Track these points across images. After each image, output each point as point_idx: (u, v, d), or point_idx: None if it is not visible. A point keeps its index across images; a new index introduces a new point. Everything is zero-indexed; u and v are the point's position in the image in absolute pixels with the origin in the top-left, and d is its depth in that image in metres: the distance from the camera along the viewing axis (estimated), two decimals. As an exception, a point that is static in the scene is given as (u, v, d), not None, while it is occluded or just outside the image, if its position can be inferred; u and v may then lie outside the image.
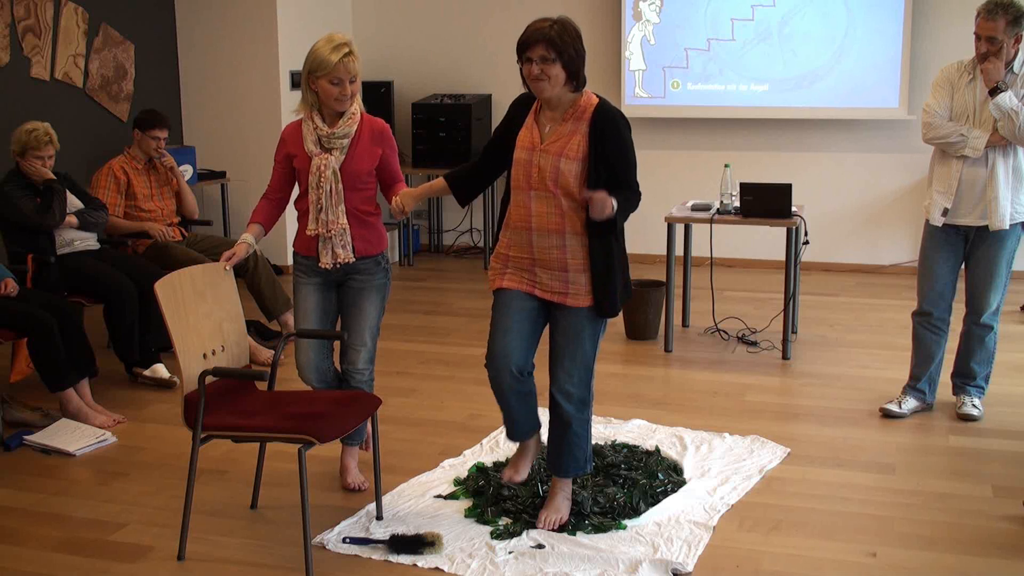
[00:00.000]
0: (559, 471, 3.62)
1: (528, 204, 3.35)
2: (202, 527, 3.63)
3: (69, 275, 5.13)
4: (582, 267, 3.35)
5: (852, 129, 7.62)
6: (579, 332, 3.42)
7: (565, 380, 3.46)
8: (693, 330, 6.15)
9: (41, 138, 5.04)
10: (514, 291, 3.44)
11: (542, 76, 3.23)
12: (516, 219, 3.40)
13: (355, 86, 3.67)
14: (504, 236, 3.47)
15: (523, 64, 3.27)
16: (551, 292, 3.40)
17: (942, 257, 4.55)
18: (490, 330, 3.50)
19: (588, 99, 3.34)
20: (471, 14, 8.24)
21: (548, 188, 3.31)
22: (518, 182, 3.38)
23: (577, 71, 3.27)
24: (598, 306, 3.38)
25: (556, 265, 3.36)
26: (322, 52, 3.60)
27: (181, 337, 3.40)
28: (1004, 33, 4.24)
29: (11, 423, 4.62)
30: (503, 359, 3.43)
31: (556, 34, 3.21)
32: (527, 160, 3.34)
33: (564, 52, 3.21)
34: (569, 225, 3.33)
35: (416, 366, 5.53)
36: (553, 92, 3.27)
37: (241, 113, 7.71)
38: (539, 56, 3.21)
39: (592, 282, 3.36)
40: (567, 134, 3.31)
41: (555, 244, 3.34)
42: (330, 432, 3.33)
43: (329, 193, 3.68)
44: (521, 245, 3.40)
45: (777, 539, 3.54)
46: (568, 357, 3.44)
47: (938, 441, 4.40)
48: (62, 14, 6.65)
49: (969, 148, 4.36)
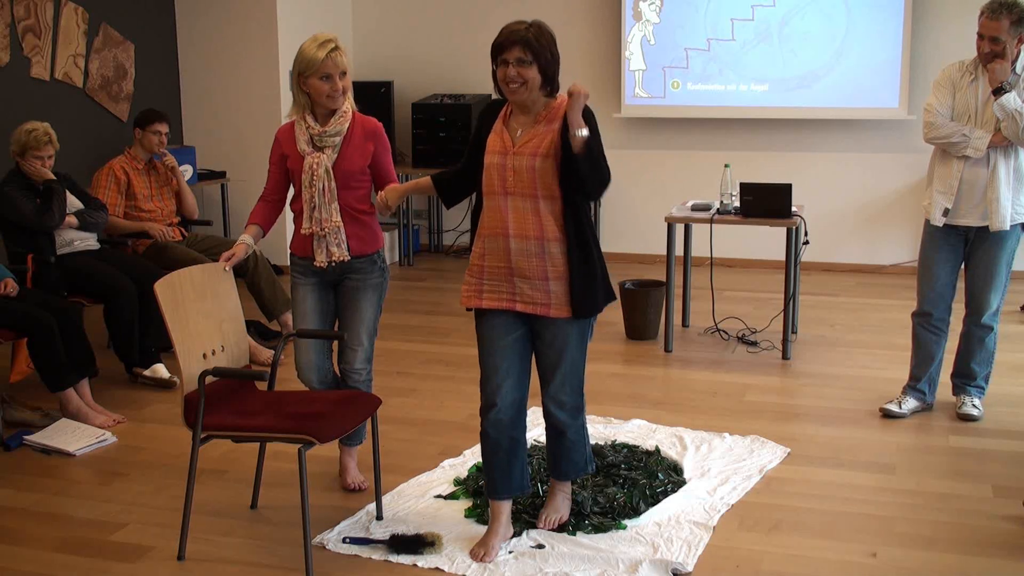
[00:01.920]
0: (559, 476, 3.61)
1: (503, 209, 3.25)
2: (202, 527, 3.63)
3: (69, 275, 5.13)
4: (562, 274, 3.24)
5: (852, 129, 7.62)
6: (566, 343, 3.33)
7: (557, 390, 3.41)
8: (693, 330, 6.15)
9: (41, 138, 5.04)
10: (496, 319, 3.33)
11: (518, 78, 3.15)
12: (491, 226, 3.29)
13: (345, 81, 3.67)
14: (478, 245, 3.34)
15: (498, 67, 3.18)
16: (533, 304, 3.28)
17: (942, 257, 4.55)
18: (481, 370, 3.39)
19: (561, 101, 3.24)
20: (471, 14, 8.24)
21: (525, 191, 3.22)
22: (491, 187, 3.27)
23: (553, 75, 3.19)
24: (577, 308, 3.26)
25: (536, 274, 3.25)
26: (309, 51, 3.61)
27: (181, 337, 3.40)
28: (1007, 33, 4.23)
29: (11, 423, 4.62)
30: (500, 412, 3.35)
31: (533, 36, 3.13)
32: (500, 164, 3.24)
33: (540, 55, 3.14)
34: (548, 230, 3.22)
35: (416, 366, 5.52)
36: (529, 96, 3.19)
37: (241, 113, 7.71)
38: (515, 58, 3.13)
39: (571, 286, 3.24)
40: (541, 134, 3.22)
41: (534, 251, 3.23)
42: (330, 432, 3.33)
43: (322, 191, 3.69)
44: (497, 253, 3.28)
45: (777, 539, 3.54)
46: (559, 369, 3.37)
47: (938, 441, 4.40)
48: (62, 14, 6.65)
49: (971, 148, 4.36)
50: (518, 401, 3.39)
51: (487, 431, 3.41)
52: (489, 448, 3.43)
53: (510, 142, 3.25)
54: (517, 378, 3.37)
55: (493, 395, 3.37)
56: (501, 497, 3.47)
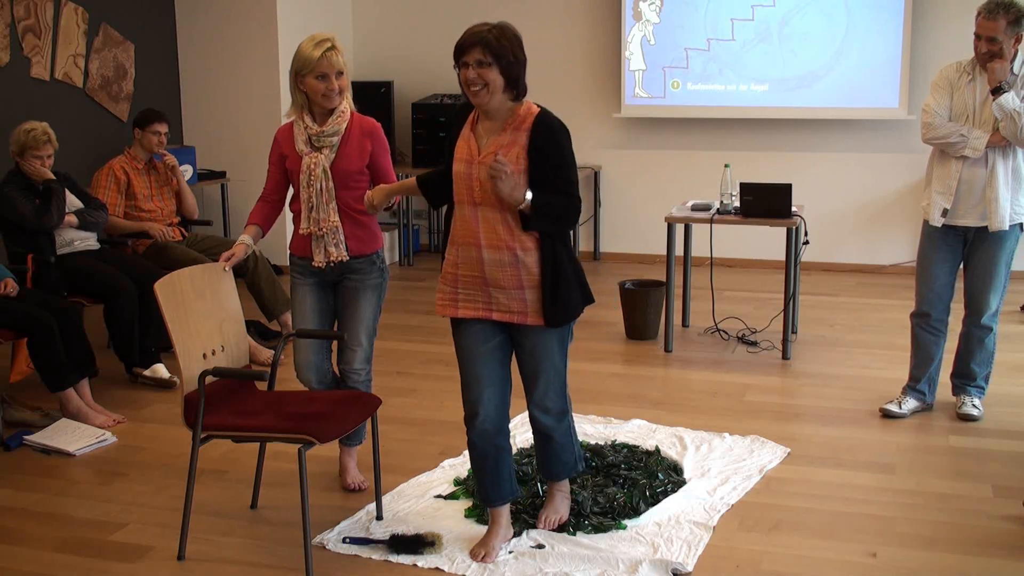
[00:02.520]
0: (551, 477, 3.61)
1: (474, 219, 3.19)
2: (202, 527, 3.63)
3: (69, 275, 5.13)
4: (537, 283, 3.19)
5: (852, 129, 7.62)
6: (547, 350, 3.29)
7: (542, 397, 3.39)
8: (693, 330, 6.15)
9: (39, 137, 5.04)
10: (473, 328, 3.29)
11: (478, 81, 3.08)
12: (462, 235, 3.23)
13: (342, 81, 3.67)
14: (451, 253, 3.28)
15: (460, 69, 3.13)
16: (509, 312, 3.23)
17: (940, 258, 4.55)
18: (461, 380, 3.37)
19: (528, 109, 3.18)
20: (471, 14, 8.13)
21: (494, 202, 3.14)
22: (460, 196, 3.22)
23: (516, 78, 3.12)
24: (554, 316, 3.20)
25: (510, 284, 3.19)
26: (306, 50, 3.62)
27: (181, 337, 3.40)
28: (1004, 33, 4.23)
29: (11, 423, 4.62)
30: (484, 422, 3.35)
31: (494, 38, 3.08)
32: (466, 173, 3.19)
33: (502, 57, 3.07)
34: (520, 241, 3.16)
35: (416, 366, 5.52)
36: (491, 101, 3.12)
37: (241, 113, 7.71)
38: (475, 60, 3.08)
39: (547, 294, 3.18)
40: (506, 144, 3.14)
41: (507, 261, 3.17)
42: (330, 432, 3.33)
43: (320, 191, 3.69)
44: (470, 262, 3.23)
45: (777, 539, 3.54)
46: (541, 376, 3.34)
47: (938, 441, 4.40)
48: (62, 14, 6.65)
49: (969, 148, 4.36)
50: (501, 408, 3.37)
51: (474, 441, 3.40)
52: (477, 458, 3.43)
53: (476, 149, 3.20)
54: (498, 385, 3.35)
55: (475, 404, 3.36)
56: (495, 504, 3.47)
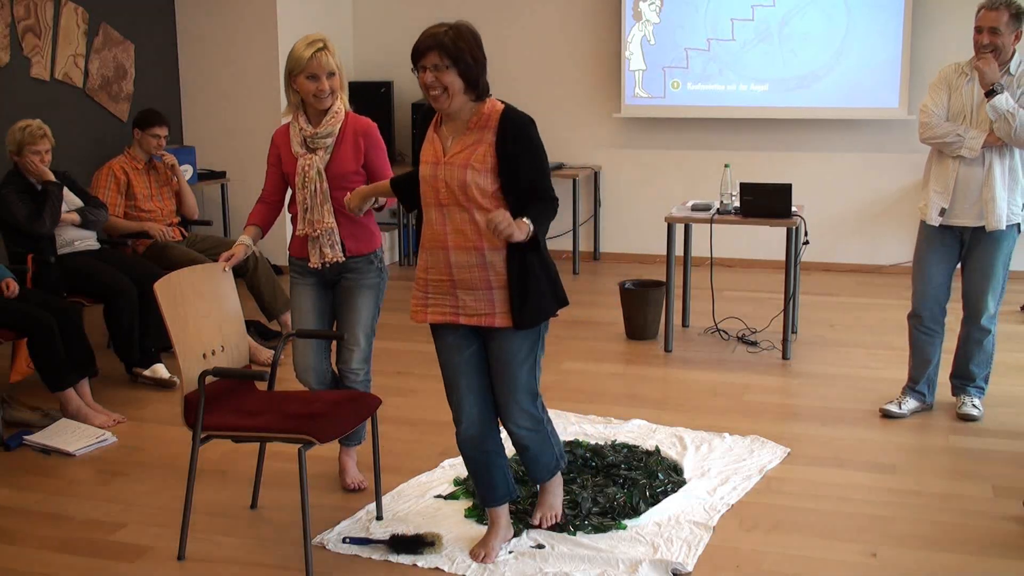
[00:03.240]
0: (536, 479, 3.60)
1: (441, 221, 3.16)
2: (202, 527, 3.63)
3: (69, 275, 5.13)
4: (505, 283, 3.15)
5: (852, 129, 7.62)
6: (514, 354, 3.24)
7: (513, 410, 3.34)
8: (693, 330, 6.15)
9: (35, 132, 5.04)
10: (448, 337, 3.27)
11: (436, 85, 3.04)
12: (430, 238, 3.21)
13: (333, 81, 3.68)
14: (421, 258, 3.27)
15: (418, 73, 3.09)
16: (477, 315, 3.18)
17: (937, 258, 4.55)
18: (445, 387, 3.36)
19: (492, 106, 3.15)
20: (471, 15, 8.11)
21: (460, 202, 3.12)
22: (427, 199, 3.19)
23: (476, 79, 3.07)
24: (523, 318, 3.15)
25: (479, 284, 3.16)
26: (297, 50, 3.64)
27: (181, 337, 3.40)
28: (1006, 25, 4.24)
29: (11, 423, 4.62)
30: (468, 428, 3.33)
31: (450, 40, 3.03)
32: (432, 175, 3.16)
33: (460, 59, 3.02)
34: (487, 241, 3.11)
35: (416, 366, 5.52)
36: (451, 105, 3.08)
37: (241, 113, 7.71)
38: (432, 64, 3.03)
39: (515, 294, 3.14)
40: (471, 144, 3.11)
41: (475, 262, 3.14)
42: (330, 432, 3.33)
43: (314, 193, 3.70)
44: (439, 266, 3.20)
45: (777, 539, 3.54)
46: (511, 385, 3.28)
47: (938, 441, 4.40)
48: (62, 14, 6.65)
49: (966, 148, 4.36)
50: (484, 414, 3.35)
51: (461, 447, 3.40)
52: (468, 462, 3.44)
53: (441, 151, 3.18)
54: (478, 394, 3.32)
55: (458, 411, 3.35)
56: (491, 506, 3.46)
